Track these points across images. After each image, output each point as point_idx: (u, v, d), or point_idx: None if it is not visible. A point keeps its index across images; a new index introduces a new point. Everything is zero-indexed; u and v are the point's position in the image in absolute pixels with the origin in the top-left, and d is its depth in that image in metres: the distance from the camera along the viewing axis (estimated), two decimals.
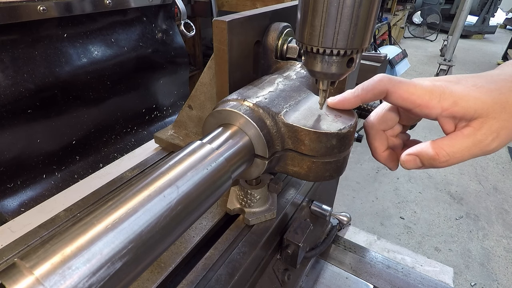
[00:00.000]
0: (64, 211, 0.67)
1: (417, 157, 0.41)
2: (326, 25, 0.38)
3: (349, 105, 0.46)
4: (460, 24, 4.28)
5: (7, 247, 0.58)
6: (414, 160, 0.42)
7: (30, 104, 0.90)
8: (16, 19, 0.81)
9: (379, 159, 0.49)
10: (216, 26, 0.53)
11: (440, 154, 0.39)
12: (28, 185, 0.94)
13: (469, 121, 0.38)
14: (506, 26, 9.60)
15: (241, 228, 0.65)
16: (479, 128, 0.37)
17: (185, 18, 1.31)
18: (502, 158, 3.52)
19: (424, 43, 7.95)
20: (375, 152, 0.48)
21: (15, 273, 0.24)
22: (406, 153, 0.42)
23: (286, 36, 0.64)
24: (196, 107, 0.82)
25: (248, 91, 0.50)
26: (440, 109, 0.38)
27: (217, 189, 0.40)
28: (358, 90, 0.44)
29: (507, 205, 2.84)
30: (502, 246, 2.44)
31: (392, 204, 2.79)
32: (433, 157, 0.40)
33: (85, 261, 0.25)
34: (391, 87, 0.41)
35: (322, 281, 0.94)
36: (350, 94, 0.45)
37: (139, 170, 0.81)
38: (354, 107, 0.46)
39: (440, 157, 0.39)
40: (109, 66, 1.09)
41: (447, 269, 1.00)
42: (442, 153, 0.39)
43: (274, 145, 0.47)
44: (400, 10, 6.87)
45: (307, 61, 0.44)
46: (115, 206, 0.30)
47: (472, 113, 0.37)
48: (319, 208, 0.85)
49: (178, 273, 0.57)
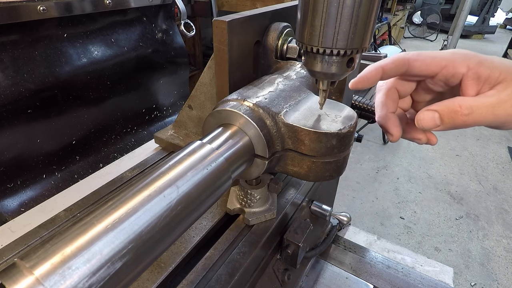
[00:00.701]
0: (64, 211, 0.67)
1: (436, 112, 0.38)
2: (326, 25, 0.38)
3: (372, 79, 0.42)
4: (460, 24, 4.28)
5: (7, 247, 0.58)
6: (433, 116, 0.38)
7: (30, 104, 0.90)
8: (16, 19, 0.81)
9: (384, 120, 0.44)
10: (216, 26, 0.53)
11: (462, 106, 0.36)
12: (28, 185, 0.94)
13: (493, 86, 0.37)
14: (506, 26, 9.60)
15: (241, 228, 0.65)
16: (503, 89, 0.36)
17: (185, 18, 1.31)
18: (502, 158, 3.52)
19: (424, 43, 7.95)
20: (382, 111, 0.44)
21: (15, 273, 0.24)
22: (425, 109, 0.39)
23: (286, 36, 0.64)
24: (196, 107, 0.82)
25: (248, 91, 0.50)
26: (466, 67, 0.37)
27: (217, 189, 0.40)
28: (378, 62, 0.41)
29: (507, 205, 2.84)
30: (502, 246, 2.44)
31: (392, 204, 2.79)
32: (455, 109, 0.37)
33: (85, 261, 0.25)
34: (411, 56, 0.40)
35: (322, 281, 0.94)
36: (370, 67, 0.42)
37: (139, 170, 0.81)
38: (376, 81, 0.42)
39: (463, 109, 0.36)
40: (109, 66, 1.09)
41: (447, 269, 1.00)
42: (465, 105, 0.36)
43: (274, 145, 0.47)
44: (400, 10, 6.87)
45: (307, 61, 0.44)
46: (115, 206, 0.30)
47: (497, 75, 0.36)
48: (319, 208, 0.85)
49: (178, 273, 0.57)
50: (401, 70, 0.41)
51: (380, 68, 0.41)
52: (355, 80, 0.43)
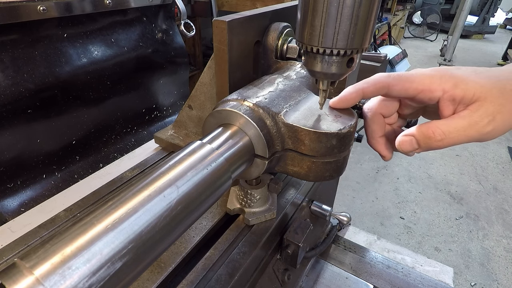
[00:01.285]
0: (64, 211, 0.67)
1: (413, 137, 0.41)
2: (326, 25, 0.38)
3: (351, 100, 0.45)
4: (460, 24, 4.29)
5: (7, 247, 0.58)
6: (410, 141, 0.41)
7: (30, 104, 0.90)
8: (16, 19, 0.81)
9: (374, 145, 0.48)
10: (216, 26, 0.53)
11: (435, 133, 0.39)
12: (28, 185, 0.94)
13: (467, 105, 0.38)
14: (506, 26, 9.60)
15: (241, 228, 0.65)
16: (475, 110, 0.37)
17: (185, 18, 1.31)
18: (502, 158, 3.52)
19: (424, 43, 7.95)
20: (371, 136, 0.48)
21: (15, 273, 0.24)
22: (402, 134, 0.42)
23: (286, 36, 0.64)
24: (196, 107, 0.82)
25: (248, 91, 0.50)
26: (441, 91, 0.39)
27: (217, 189, 0.40)
28: (359, 84, 0.44)
29: (507, 205, 2.84)
30: (502, 246, 2.44)
31: (392, 204, 2.79)
32: (429, 135, 0.39)
33: (85, 261, 0.25)
34: (391, 80, 0.41)
35: (322, 281, 0.94)
36: (350, 88, 0.45)
37: (139, 170, 0.81)
38: (356, 102, 0.45)
39: (436, 135, 0.39)
40: (109, 66, 1.09)
41: (447, 269, 1.00)
42: (438, 132, 0.39)
43: (274, 145, 0.47)
44: (400, 10, 6.87)
45: (307, 61, 0.44)
46: (115, 206, 0.30)
47: (470, 96, 0.37)
48: (319, 208, 0.85)
49: (178, 273, 0.57)
50: (381, 93, 0.43)
51: (361, 91, 0.43)
52: (335, 100, 0.46)
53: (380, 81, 0.42)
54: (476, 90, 0.37)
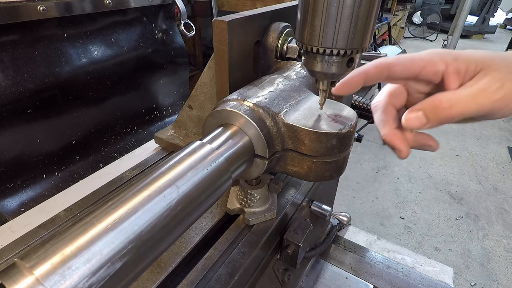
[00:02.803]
0: (64, 211, 0.67)
1: (420, 110, 0.39)
2: (326, 25, 0.38)
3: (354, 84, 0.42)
4: (460, 24, 4.28)
5: (7, 247, 0.58)
6: (417, 115, 0.39)
7: (30, 104, 0.90)
8: (16, 19, 0.81)
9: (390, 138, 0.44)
10: (216, 26, 0.53)
11: (443, 100, 0.37)
12: (28, 185, 0.94)
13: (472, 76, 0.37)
14: (506, 26, 9.60)
15: (241, 228, 0.65)
16: (482, 77, 0.36)
17: (185, 18, 1.31)
18: (502, 158, 3.52)
19: (424, 43, 7.95)
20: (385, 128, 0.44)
21: (15, 273, 0.24)
22: (408, 111, 0.40)
23: (286, 36, 0.64)
24: (196, 107, 0.82)
25: (248, 91, 0.50)
26: (444, 64, 0.38)
27: (217, 189, 0.40)
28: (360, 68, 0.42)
29: (507, 205, 2.84)
30: (502, 246, 2.44)
31: (392, 204, 2.79)
32: (436, 104, 0.38)
33: (85, 261, 0.25)
34: (391, 61, 0.40)
35: (322, 281, 0.94)
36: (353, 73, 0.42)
37: (139, 170, 0.81)
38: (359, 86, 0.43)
39: (443, 103, 0.37)
40: (109, 66, 1.09)
41: (447, 269, 1.00)
42: (445, 99, 0.37)
43: (274, 145, 0.47)
44: (400, 10, 6.87)
45: (307, 61, 0.44)
46: (115, 206, 0.30)
47: (474, 67, 0.37)
48: (319, 208, 0.85)
49: (178, 273, 0.57)
50: (383, 75, 0.41)
51: (363, 74, 0.41)
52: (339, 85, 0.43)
53: (381, 63, 0.41)
54: (478, 61, 0.37)
